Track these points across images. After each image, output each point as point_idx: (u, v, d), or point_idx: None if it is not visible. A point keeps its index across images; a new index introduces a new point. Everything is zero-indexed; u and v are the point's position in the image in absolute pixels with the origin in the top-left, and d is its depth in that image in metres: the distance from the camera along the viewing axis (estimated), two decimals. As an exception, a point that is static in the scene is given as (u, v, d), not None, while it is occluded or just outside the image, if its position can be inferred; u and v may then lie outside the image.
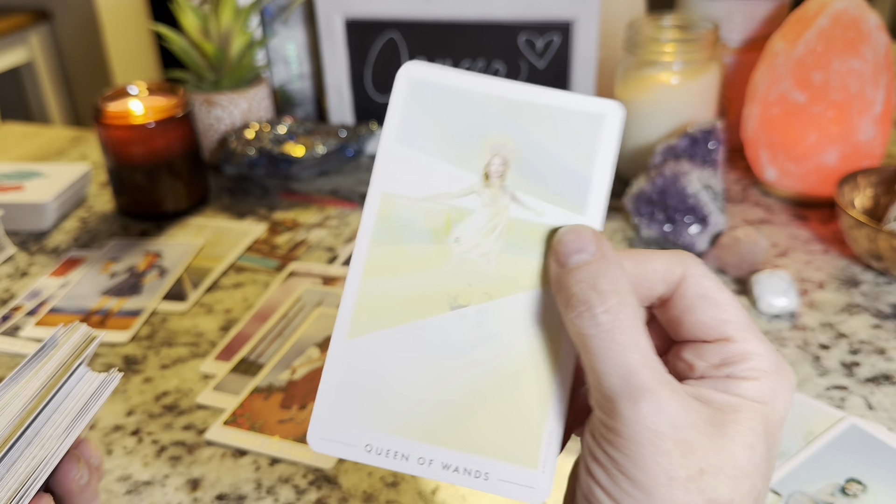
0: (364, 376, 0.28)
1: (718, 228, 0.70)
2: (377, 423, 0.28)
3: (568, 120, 0.28)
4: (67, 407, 0.33)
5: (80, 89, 2.19)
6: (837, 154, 0.73)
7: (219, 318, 0.65)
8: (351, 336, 0.28)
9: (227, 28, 0.85)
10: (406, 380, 0.28)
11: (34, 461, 0.31)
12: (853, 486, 0.46)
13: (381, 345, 0.28)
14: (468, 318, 0.28)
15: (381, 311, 0.28)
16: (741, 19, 0.83)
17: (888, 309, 0.62)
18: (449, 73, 0.28)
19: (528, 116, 0.28)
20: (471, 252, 0.28)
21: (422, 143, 0.28)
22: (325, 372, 0.28)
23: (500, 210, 0.28)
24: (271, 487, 0.48)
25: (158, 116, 0.77)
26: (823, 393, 0.54)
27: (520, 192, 0.28)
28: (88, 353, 0.35)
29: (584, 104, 0.28)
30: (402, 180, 0.28)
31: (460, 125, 0.28)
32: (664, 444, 0.24)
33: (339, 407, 0.28)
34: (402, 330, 0.28)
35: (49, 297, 0.69)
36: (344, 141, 0.87)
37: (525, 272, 0.28)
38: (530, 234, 0.28)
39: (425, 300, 0.28)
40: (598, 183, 0.28)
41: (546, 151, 0.28)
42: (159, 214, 0.81)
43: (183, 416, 0.55)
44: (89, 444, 0.36)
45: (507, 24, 0.85)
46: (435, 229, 0.28)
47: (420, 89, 0.28)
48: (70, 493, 0.34)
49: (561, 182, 0.28)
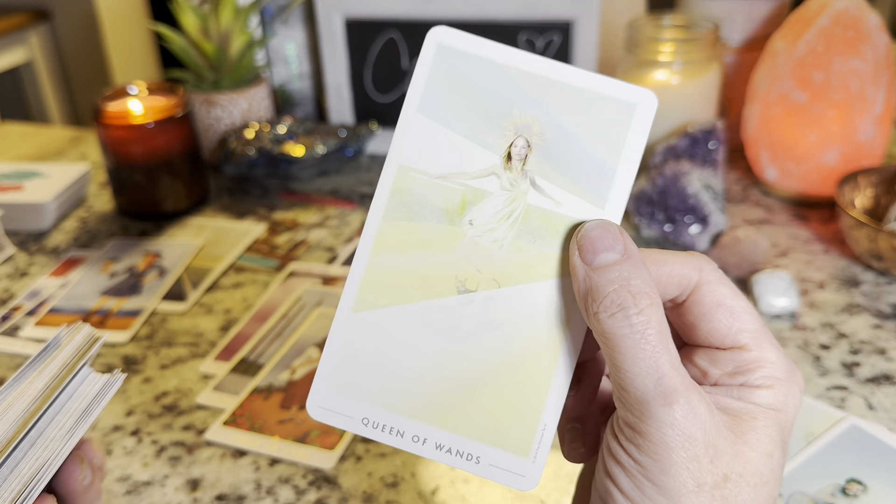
0: (366, 351, 0.28)
1: (719, 228, 0.70)
2: (376, 398, 0.28)
3: (599, 105, 0.27)
4: (71, 408, 0.33)
5: (80, 89, 2.19)
6: (838, 154, 0.73)
7: (218, 318, 0.65)
8: (356, 310, 0.28)
9: (226, 28, 0.85)
10: (407, 358, 0.28)
11: (38, 462, 0.31)
12: (854, 486, 0.46)
13: (385, 321, 0.28)
14: (474, 304, 0.27)
15: (387, 287, 0.28)
16: (741, 19, 0.83)
17: (889, 309, 0.62)
18: (479, 42, 0.27)
19: (557, 97, 0.27)
20: (483, 236, 0.27)
21: (444, 115, 0.27)
22: (327, 343, 0.28)
23: (518, 195, 0.27)
24: (271, 488, 0.48)
25: (158, 116, 0.77)
26: (824, 393, 0.54)
27: (540, 177, 0.27)
28: (92, 353, 0.35)
29: (618, 90, 0.27)
30: (421, 154, 0.27)
31: (486, 100, 0.27)
32: (695, 449, 0.24)
33: (340, 378, 0.28)
34: (408, 309, 0.27)
35: (49, 297, 0.69)
36: (344, 141, 0.87)
37: (537, 262, 0.27)
38: (547, 224, 0.27)
39: (433, 281, 0.27)
40: (623, 176, 0.27)
41: (572, 137, 0.27)
42: (159, 214, 0.81)
43: (182, 417, 0.55)
44: (91, 445, 0.36)
45: (507, 23, 0.85)
46: (449, 209, 0.27)
47: (448, 57, 0.27)
48: (74, 493, 0.34)
49: (584, 172, 0.27)
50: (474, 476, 0.48)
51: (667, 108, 0.78)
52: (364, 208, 0.82)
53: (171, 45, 0.85)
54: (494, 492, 0.47)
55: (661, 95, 0.78)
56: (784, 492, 0.45)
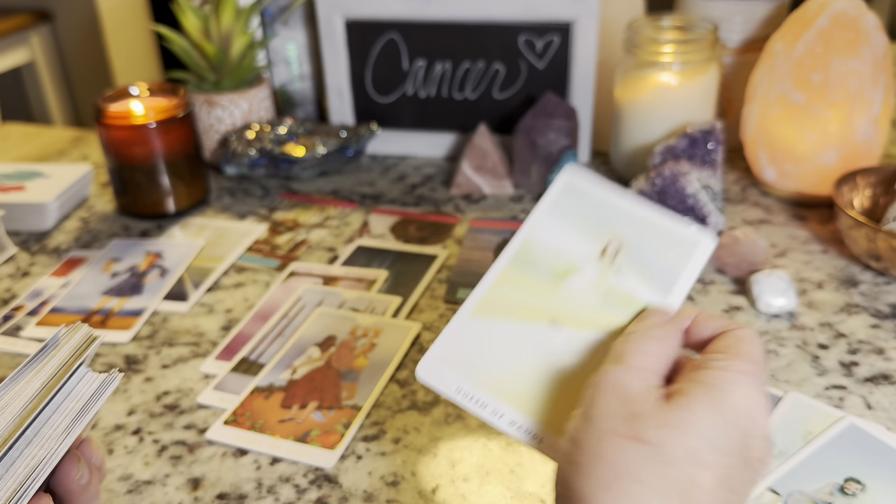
0: (473, 342, 0.38)
1: (717, 228, 0.70)
2: (472, 376, 0.37)
3: (673, 237, 0.38)
4: (67, 407, 0.33)
5: (81, 90, 2.19)
6: (836, 154, 0.74)
7: (219, 317, 0.66)
8: (474, 314, 0.38)
9: (227, 29, 0.85)
10: (502, 355, 0.37)
11: (34, 461, 0.31)
12: (852, 485, 0.46)
13: (492, 328, 0.38)
14: (559, 334, 0.37)
15: (500, 307, 0.38)
16: (740, 20, 0.84)
17: (887, 309, 0.63)
18: (595, 184, 0.40)
19: (643, 225, 0.39)
20: (575, 295, 0.38)
21: (564, 217, 0.39)
22: (446, 328, 0.38)
23: (605, 276, 0.38)
24: (272, 487, 0.49)
25: (159, 117, 0.77)
26: (822, 392, 0.54)
27: (624, 268, 0.38)
28: (89, 353, 0.35)
29: (687, 230, 0.38)
30: (543, 235, 0.39)
31: (594, 216, 0.39)
32: (616, 399, 0.32)
33: (448, 356, 0.38)
34: (511, 325, 0.38)
35: (50, 296, 0.69)
36: (344, 141, 0.88)
37: (605, 320, 0.37)
38: (622, 300, 0.37)
39: (534, 312, 0.38)
40: (685, 280, 0.37)
41: (650, 250, 0.38)
42: (160, 215, 0.81)
43: (184, 416, 0.55)
44: (91, 445, 0.36)
45: (506, 24, 0.85)
46: (555, 273, 0.38)
47: (573, 188, 0.40)
48: (71, 493, 0.34)
49: (656, 272, 0.38)
50: (475, 475, 0.48)
51: (666, 109, 0.78)
52: (364, 208, 0.82)
53: (172, 46, 0.86)
54: (494, 489, 0.47)
55: (660, 96, 0.78)
56: (783, 491, 0.46)
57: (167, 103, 0.79)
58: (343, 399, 0.55)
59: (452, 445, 0.51)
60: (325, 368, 0.58)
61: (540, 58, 0.86)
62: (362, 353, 0.59)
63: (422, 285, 0.68)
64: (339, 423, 0.53)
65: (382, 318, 0.63)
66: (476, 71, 0.88)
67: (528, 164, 0.83)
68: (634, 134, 0.81)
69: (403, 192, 0.86)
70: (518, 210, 0.81)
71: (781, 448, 0.49)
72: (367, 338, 0.61)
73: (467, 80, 0.89)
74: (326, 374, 0.57)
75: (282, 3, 0.92)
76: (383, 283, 0.69)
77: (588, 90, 0.86)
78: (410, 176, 0.89)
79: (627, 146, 0.82)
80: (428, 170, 0.91)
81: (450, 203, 0.83)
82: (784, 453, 0.48)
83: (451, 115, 0.91)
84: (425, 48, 0.88)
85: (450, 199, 0.84)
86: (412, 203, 0.83)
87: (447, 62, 0.88)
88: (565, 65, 0.86)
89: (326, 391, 0.56)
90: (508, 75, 0.88)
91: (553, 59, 0.86)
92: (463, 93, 0.90)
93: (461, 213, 0.81)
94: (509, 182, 0.84)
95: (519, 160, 0.84)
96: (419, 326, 0.62)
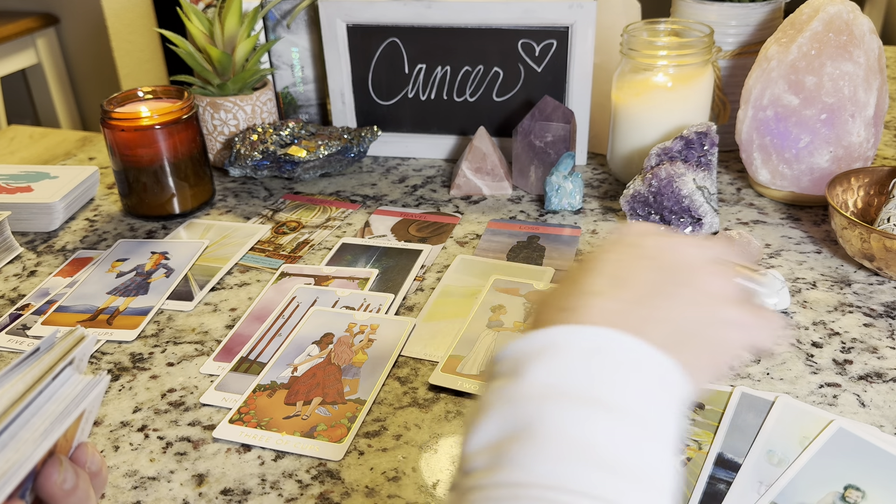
0: None
1: (712, 229, 0.71)
2: None
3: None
4: (48, 410, 0.32)
5: (87, 93, 2.21)
6: (830, 156, 0.75)
7: (224, 316, 0.67)
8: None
9: (232, 33, 0.87)
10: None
11: (7, 464, 0.30)
12: (852, 493, 0.46)
13: None
14: None
15: None
16: (735, 24, 0.85)
17: (880, 308, 0.64)
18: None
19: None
20: None
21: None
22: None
23: None
24: (275, 482, 0.50)
25: (165, 119, 0.79)
26: (816, 391, 0.55)
27: None
28: (77, 354, 0.34)
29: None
30: None
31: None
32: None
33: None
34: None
35: (57, 296, 0.70)
36: (346, 144, 0.89)
37: None
38: None
39: None
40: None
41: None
42: (166, 215, 0.83)
43: (189, 413, 0.56)
44: (87, 449, 0.36)
45: (505, 29, 0.86)
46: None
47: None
48: (53, 496, 0.34)
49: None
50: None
51: (662, 112, 0.79)
52: (366, 209, 0.84)
53: (177, 49, 0.87)
54: (491, 484, 0.48)
55: (656, 99, 0.79)
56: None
57: (172, 106, 0.80)
58: (346, 394, 0.56)
59: (453, 441, 0.52)
60: (325, 364, 0.59)
61: (538, 62, 0.87)
62: (361, 348, 0.61)
63: (408, 280, 0.70)
64: (343, 417, 0.54)
65: (377, 314, 0.65)
66: (475, 74, 0.90)
67: (527, 165, 0.84)
68: (631, 136, 0.82)
69: (404, 193, 0.87)
70: (517, 211, 0.82)
71: (781, 457, 0.49)
72: (364, 334, 0.62)
73: (467, 84, 0.90)
74: (327, 370, 0.59)
75: (285, 7, 0.93)
76: (374, 280, 0.70)
77: (585, 93, 0.87)
78: (411, 177, 0.91)
79: (624, 148, 0.83)
80: (428, 171, 0.92)
81: (450, 204, 0.84)
82: (783, 461, 0.48)
83: (450, 118, 0.92)
84: (426, 52, 0.89)
85: (450, 200, 0.85)
86: (413, 204, 0.85)
87: (447, 66, 0.90)
88: (563, 68, 0.87)
89: (329, 387, 0.57)
90: (507, 79, 0.89)
91: (551, 62, 0.87)
92: (463, 96, 0.91)
93: (461, 213, 0.82)
94: (508, 183, 0.85)
95: (517, 162, 0.85)
96: (414, 321, 0.63)
